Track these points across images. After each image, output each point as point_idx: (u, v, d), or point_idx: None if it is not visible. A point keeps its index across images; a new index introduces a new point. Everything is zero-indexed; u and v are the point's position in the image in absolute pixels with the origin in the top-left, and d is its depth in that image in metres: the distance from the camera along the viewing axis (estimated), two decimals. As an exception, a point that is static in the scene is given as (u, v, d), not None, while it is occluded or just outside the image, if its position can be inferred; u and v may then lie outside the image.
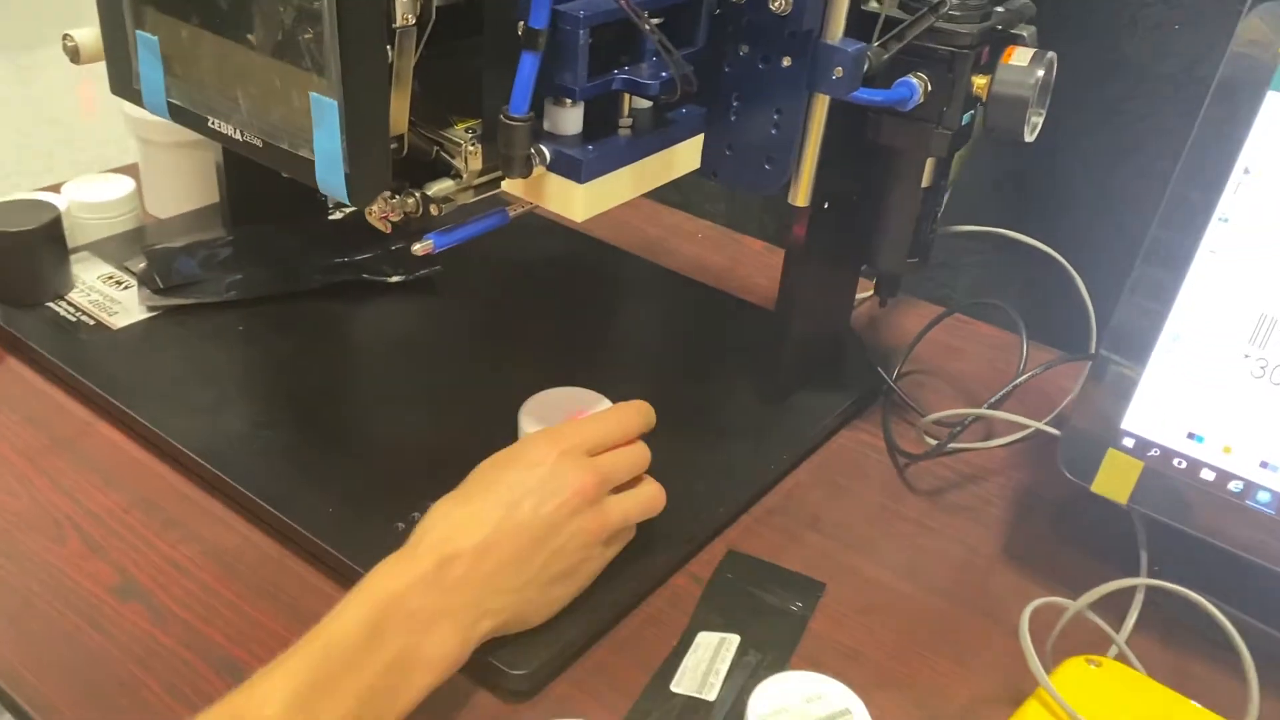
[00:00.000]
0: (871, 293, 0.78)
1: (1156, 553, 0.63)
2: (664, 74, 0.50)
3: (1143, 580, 0.55)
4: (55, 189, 0.89)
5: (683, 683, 0.56)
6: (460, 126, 0.51)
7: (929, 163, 0.65)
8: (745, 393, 0.76)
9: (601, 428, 0.59)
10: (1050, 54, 0.62)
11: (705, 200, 1.06)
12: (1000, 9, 0.63)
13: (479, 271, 0.88)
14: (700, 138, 0.56)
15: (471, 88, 0.50)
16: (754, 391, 0.76)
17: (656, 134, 0.53)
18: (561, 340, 0.82)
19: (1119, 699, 0.48)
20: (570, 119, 0.50)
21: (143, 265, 0.83)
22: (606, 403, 0.65)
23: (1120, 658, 0.54)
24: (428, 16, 0.46)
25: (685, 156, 0.55)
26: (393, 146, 0.49)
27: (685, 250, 1.00)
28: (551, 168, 0.50)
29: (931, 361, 0.86)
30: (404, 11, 0.44)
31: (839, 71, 0.53)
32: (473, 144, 0.51)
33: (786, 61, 0.54)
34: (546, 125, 0.51)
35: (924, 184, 0.66)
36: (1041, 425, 0.70)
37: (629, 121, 0.52)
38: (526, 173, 0.49)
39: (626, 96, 0.51)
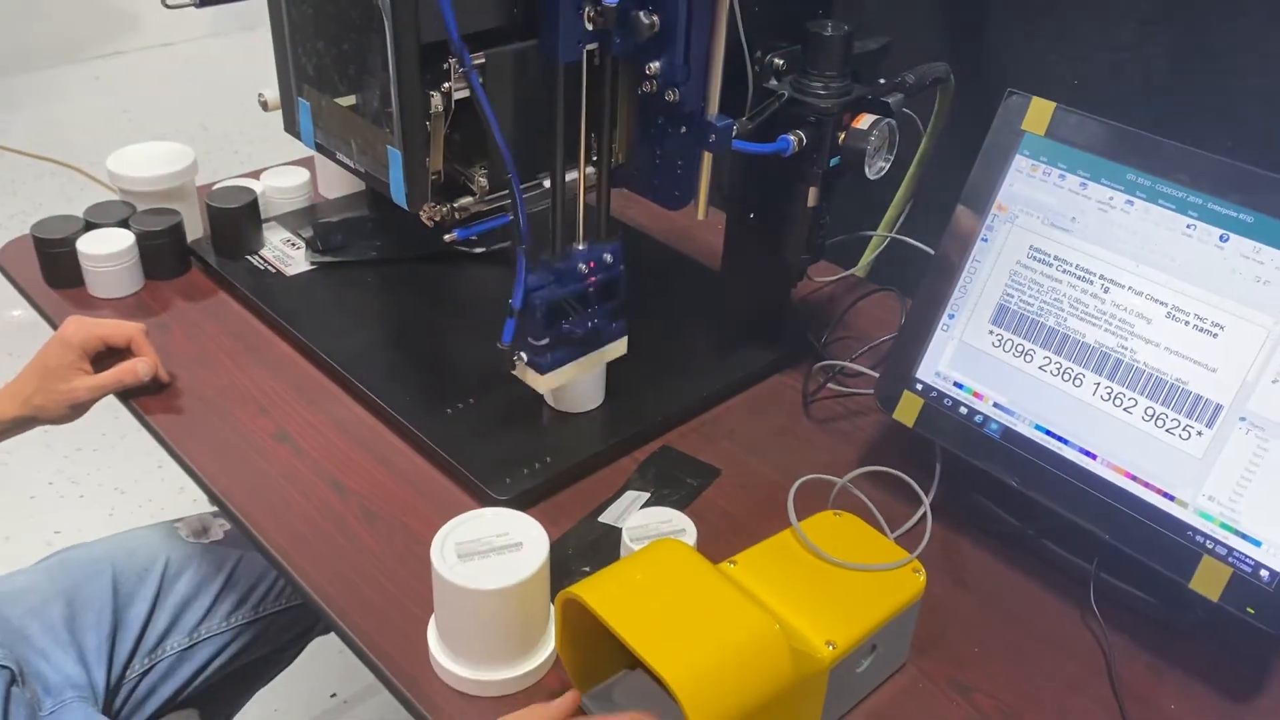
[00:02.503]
0: (833, 278, 1.08)
1: (951, 464, 0.91)
2: (589, 322, 0.87)
3: (874, 468, 0.85)
4: (256, 175, 1.28)
5: (606, 517, 0.89)
6: (478, 165, 0.85)
7: (812, 190, 0.94)
8: (704, 343, 1.08)
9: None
10: (888, 120, 0.91)
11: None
12: (861, 84, 0.92)
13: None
14: (625, 338, 0.94)
15: (483, 142, 0.84)
16: (709, 342, 1.08)
17: (593, 343, 0.92)
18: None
19: (840, 533, 0.78)
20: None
21: (310, 233, 1.20)
22: None
23: (867, 515, 0.83)
24: (450, 107, 0.79)
25: (614, 350, 0.94)
26: (434, 177, 0.83)
27: (704, 238, 1.31)
28: (528, 364, 0.87)
29: (863, 329, 1.14)
30: (435, 105, 0.78)
31: (714, 137, 0.84)
32: (482, 175, 0.84)
33: (684, 129, 0.85)
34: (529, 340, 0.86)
35: (810, 204, 0.95)
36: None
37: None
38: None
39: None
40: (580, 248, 0.88)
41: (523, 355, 0.88)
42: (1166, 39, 1.05)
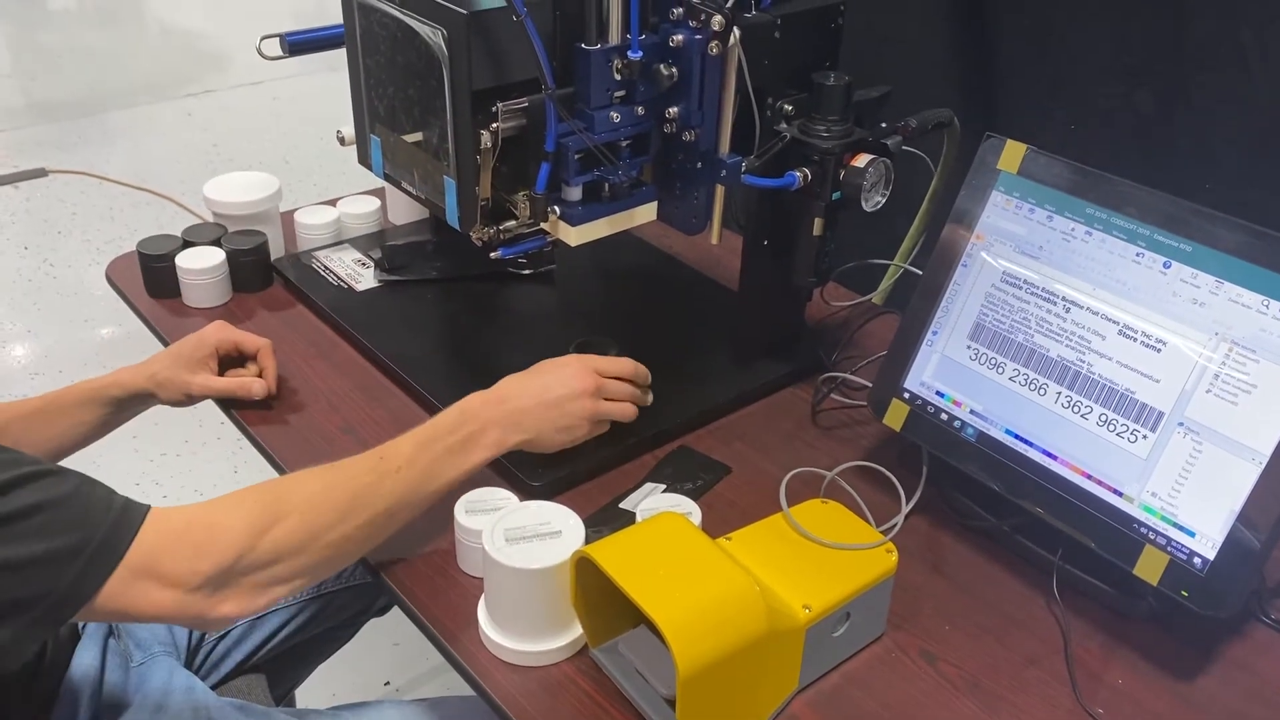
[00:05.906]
0: (850, 302, 1.20)
1: (936, 466, 1.01)
2: (620, 173, 0.95)
3: (859, 463, 0.95)
4: (333, 203, 1.43)
5: (626, 504, 1.01)
6: (521, 193, 0.98)
7: (817, 221, 1.06)
8: (724, 355, 1.20)
9: (613, 363, 1.02)
10: (883, 160, 1.02)
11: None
12: (862, 128, 1.04)
13: (582, 270, 1.36)
14: (654, 203, 1.01)
15: (525, 173, 0.97)
16: (728, 355, 1.19)
17: (622, 201, 0.99)
18: (622, 313, 1.29)
19: (825, 518, 0.89)
20: (572, 193, 0.96)
21: (379, 254, 1.35)
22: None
23: (852, 504, 0.94)
24: (498, 144, 0.93)
25: (643, 213, 1.01)
26: (482, 203, 0.96)
27: (731, 264, 1.42)
28: (560, 217, 0.96)
29: (869, 347, 1.25)
30: (484, 142, 0.92)
31: (724, 172, 0.96)
32: (525, 202, 0.97)
33: (699, 165, 0.97)
34: (563, 195, 0.97)
35: (816, 233, 1.07)
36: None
37: (608, 194, 0.98)
38: (546, 219, 0.96)
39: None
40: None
41: (555, 209, 0.96)
42: (1151, 88, 1.15)
